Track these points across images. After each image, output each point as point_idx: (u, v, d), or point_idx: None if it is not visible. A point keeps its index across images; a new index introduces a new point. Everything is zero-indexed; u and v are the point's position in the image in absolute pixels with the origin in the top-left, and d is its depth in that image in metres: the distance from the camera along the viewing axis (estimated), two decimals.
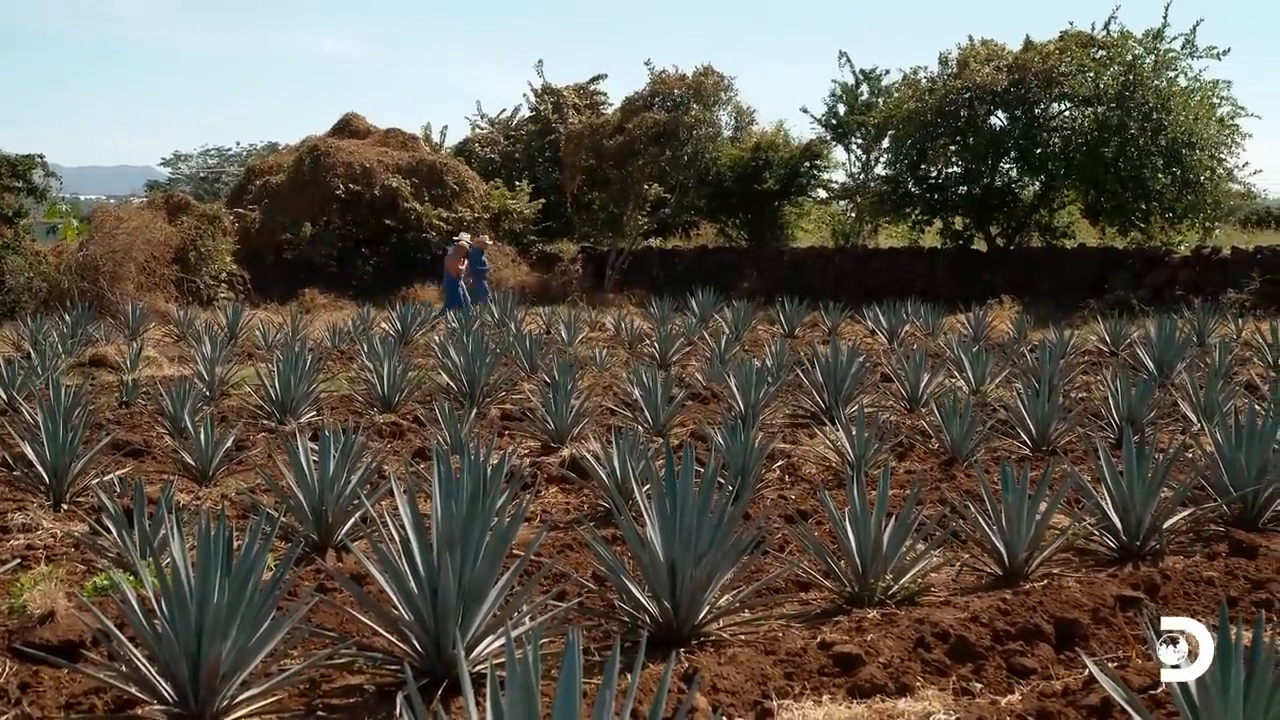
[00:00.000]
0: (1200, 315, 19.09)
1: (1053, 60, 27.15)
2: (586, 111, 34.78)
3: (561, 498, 8.49)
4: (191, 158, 63.27)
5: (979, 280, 26.70)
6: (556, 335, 19.44)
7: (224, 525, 4.61)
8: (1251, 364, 15.20)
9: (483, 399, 12.37)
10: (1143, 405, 10.41)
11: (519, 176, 33.63)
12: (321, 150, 30.32)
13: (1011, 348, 16.49)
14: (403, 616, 4.90)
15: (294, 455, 7.12)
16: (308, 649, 5.21)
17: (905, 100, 29.23)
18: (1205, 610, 5.54)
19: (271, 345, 17.67)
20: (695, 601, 5.34)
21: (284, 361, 12.07)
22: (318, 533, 6.98)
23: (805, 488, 8.57)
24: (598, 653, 5.14)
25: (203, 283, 26.35)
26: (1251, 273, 23.53)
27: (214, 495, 8.49)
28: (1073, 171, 27.07)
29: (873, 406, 11.84)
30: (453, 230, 29.89)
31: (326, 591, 5.95)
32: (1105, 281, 25.34)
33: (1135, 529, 6.64)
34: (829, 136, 33.08)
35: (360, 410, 12.13)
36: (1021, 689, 4.77)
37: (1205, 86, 27.51)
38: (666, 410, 10.78)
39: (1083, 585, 5.87)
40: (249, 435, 10.71)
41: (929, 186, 29.65)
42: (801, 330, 21.30)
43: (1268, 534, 7.01)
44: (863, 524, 5.90)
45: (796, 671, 4.85)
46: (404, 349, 17.15)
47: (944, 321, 21.06)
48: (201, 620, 4.46)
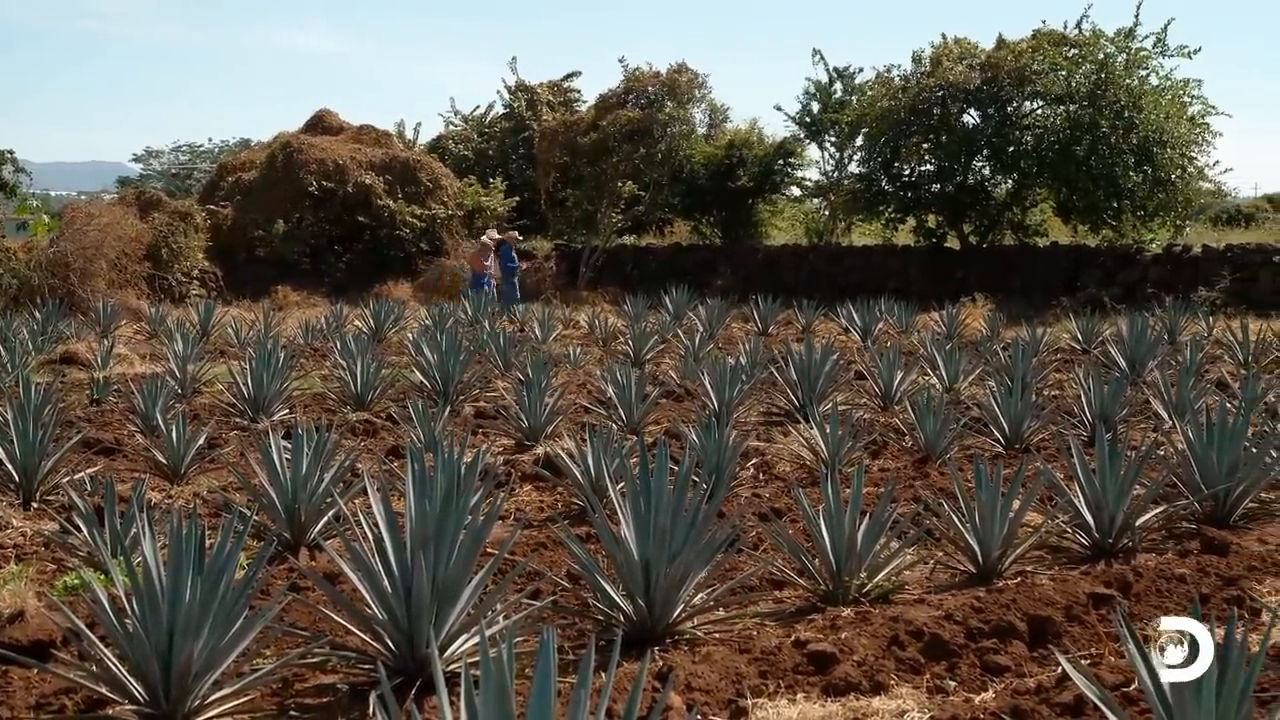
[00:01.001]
0: (1172, 313, 19.17)
1: (1025, 59, 27.23)
2: (560, 109, 34.77)
3: (535, 496, 8.47)
4: (163, 154, 63.11)
5: (952, 278, 26.78)
6: (530, 333, 19.41)
7: (196, 524, 4.58)
8: (1222, 362, 15.28)
9: (456, 397, 12.34)
10: (1115, 403, 10.45)
11: (493, 174, 33.58)
12: (294, 147, 30.18)
13: (984, 345, 16.53)
14: (376, 615, 4.88)
15: (266, 453, 7.09)
16: (280, 648, 5.18)
17: (879, 98, 29.28)
18: (1177, 608, 5.57)
19: (244, 343, 17.57)
20: (670, 600, 5.33)
21: (256, 359, 12.01)
22: (291, 531, 6.95)
23: (779, 486, 8.57)
24: (572, 651, 5.12)
25: (175, 280, 26.24)
26: (1222, 270, 23.66)
27: (186, 493, 8.45)
28: (1045, 170, 27.17)
29: (846, 404, 11.86)
30: (426, 227, 29.85)
31: (299, 590, 5.93)
32: (1077, 279, 25.45)
33: (1108, 526, 6.66)
34: (803, 134, 33.16)
35: (333, 408, 12.09)
36: (995, 687, 4.78)
37: (1176, 85, 27.67)
38: (640, 408, 10.78)
39: (1056, 583, 5.89)
40: (221, 433, 10.66)
41: (902, 184, 29.71)
42: (775, 328, 21.32)
43: (1239, 531, 7.05)
44: (837, 522, 5.91)
45: (771, 670, 4.85)
46: (377, 347, 17.11)
47: (917, 319, 21.10)
48: (173, 619, 4.43)
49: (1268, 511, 7.53)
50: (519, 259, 27.14)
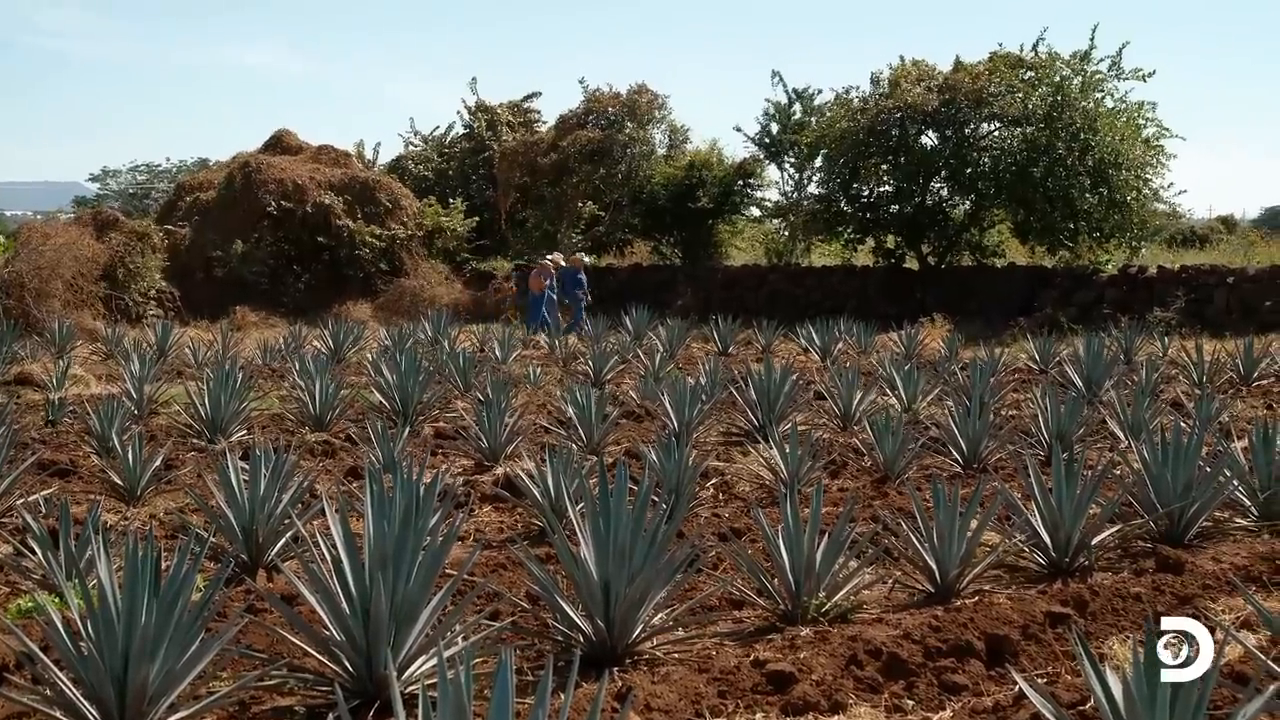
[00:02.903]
0: (1127, 333, 19.34)
1: (982, 81, 27.47)
2: (520, 129, 34.80)
3: (495, 516, 8.46)
4: (120, 173, 62.50)
5: (911, 298, 26.93)
6: (490, 353, 19.38)
7: (152, 545, 4.55)
8: (1177, 382, 15.41)
9: (416, 417, 12.30)
10: (1072, 423, 10.52)
11: (453, 194, 33.55)
12: (253, 167, 30.07)
13: (943, 366, 16.61)
14: (334, 637, 4.86)
15: (224, 474, 7.04)
16: (237, 670, 5.15)
17: (837, 119, 29.46)
18: (1133, 626, 5.61)
19: (202, 363, 17.47)
20: (629, 620, 5.33)
21: (214, 380, 11.95)
22: (248, 553, 6.90)
23: (739, 506, 8.58)
24: (531, 672, 5.12)
25: (131, 300, 26.05)
26: (1177, 291, 23.92)
27: (142, 515, 8.39)
28: (1002, 191, 27.37)
29: (806, 424, 11.89)
30: (385, 248, 29.78)
31: (257, 612, 5.89)
32: (1035, 300, 25.64)
33: (1065, 546, 6.70)
34: (762, 155, 33.27)
35: (292, 429, 12.03)
36: (953, 705, 4.80)
37: (1131, 108, 27.98)
38: (600, 428, 10.78)
39: (1013, 602, 5.92)
40: (178, 454, 10.59)
41: (861, 205, 29.88)
42: (735, 348, 21.36)
43: (1193, 550, 7.11)
44: (796, 542, 5.92)
45: (730, 690, 4.85)
46: (336, 367, 17.04)
47: (876, 340, 21.20)
48: (129, 642, 4.40)
49: (1222, 530, 7.61)
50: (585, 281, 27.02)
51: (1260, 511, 7.72)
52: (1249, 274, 24.33)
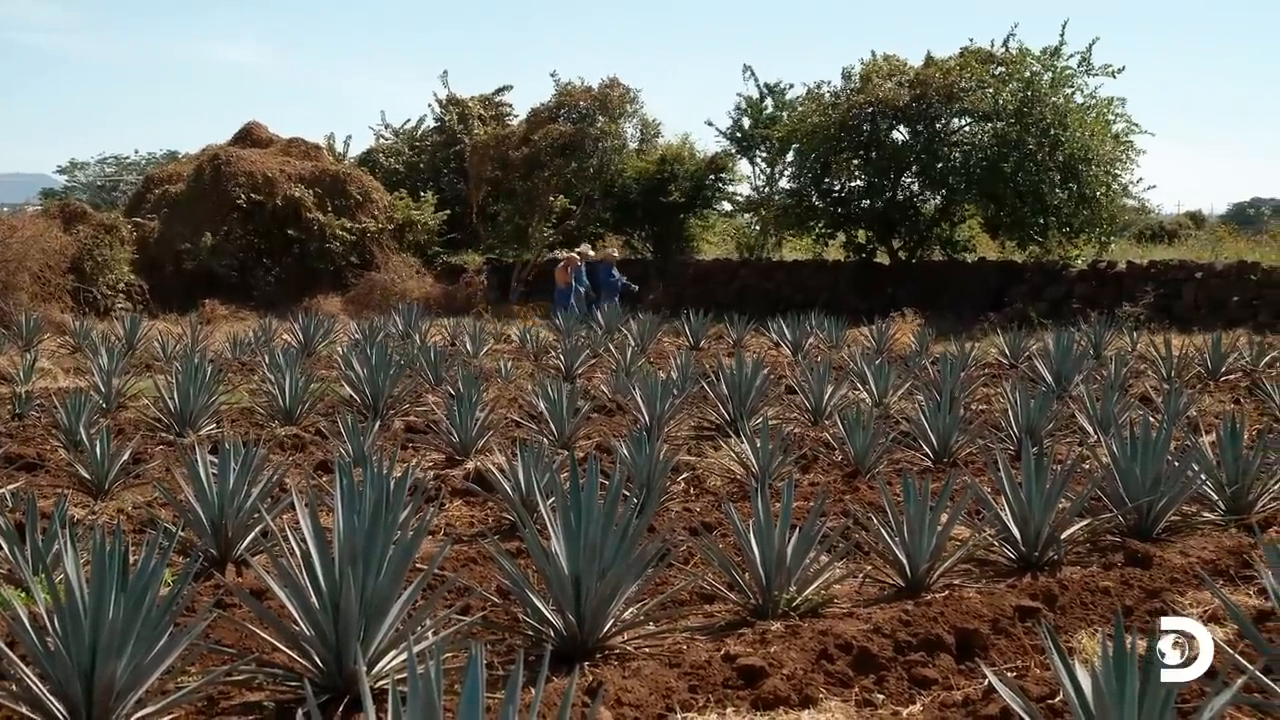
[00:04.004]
0: (1097, 328, 19.42)
1: (953, 76, 27.53)
2: (492, 123, 34.68)
3: (466, 511, 8.43)
4: (89, 166, 62.09)
5: (882, 293, 27.00)
6: (461, 347, 19.33)
7: (120, 540, 4.52)
8: (1146, 376, 15.49)
9: (386, 411, 12.27)
10: (1041, 417, 10.56)
11: (424, 187, 33.42)
12: (222, 159, 29.90)
13: (913, 360, 16.66)
14: (303, 632, 4.84)
15: (193, 468, 7.01)
16: (206, 665, 5.12)
17: (809, 114, 29.47)
18: (1102, 620, 5.63)
19: (170, 357, 17.37)
20: (600, 615, 5.33)
21: (183, 373, 11.88)
22: (217, 547, 6.87)
23: (710, 500, 8.59)
24: (501, 667, 5.11)
25: (99, 293, 25.90)
26: (1146, 286, 24.06)
27: (110, 509, 8.34)
28: (973, 186, 27.45)
29: (777, 419, 11.90)
30: (356, 241, 29.68)
31: (225, 607, 5.86)
32: (1005, 295, 25.75)
33: (1034, 540, 6.73)
34: (734, 149, 33.29)
35: (261, 423, 11.97)
36: (923, 699, 4.82)
37: (1101, 103, 28.12)
38: (572, 423, 10.76)
39: (983, 596, 5.94)
40: (147, 448, 10.53)
41: (832, 200, 29.92)
42: (707, 342, 21.37)
43: (1162, 544, 7.15)
44: (766, 536, 5.92)
45: (701, 684, 4.85)
46: (306, 361, 16.97)
47: (847, 334, 21.22)
48: (96, 637, 4.37)
49: (1190, 525, 7.64)
50: (618, 275, 26.98)
51: (1228, 506, 7.76)
52: (1217, 269, 24.49)
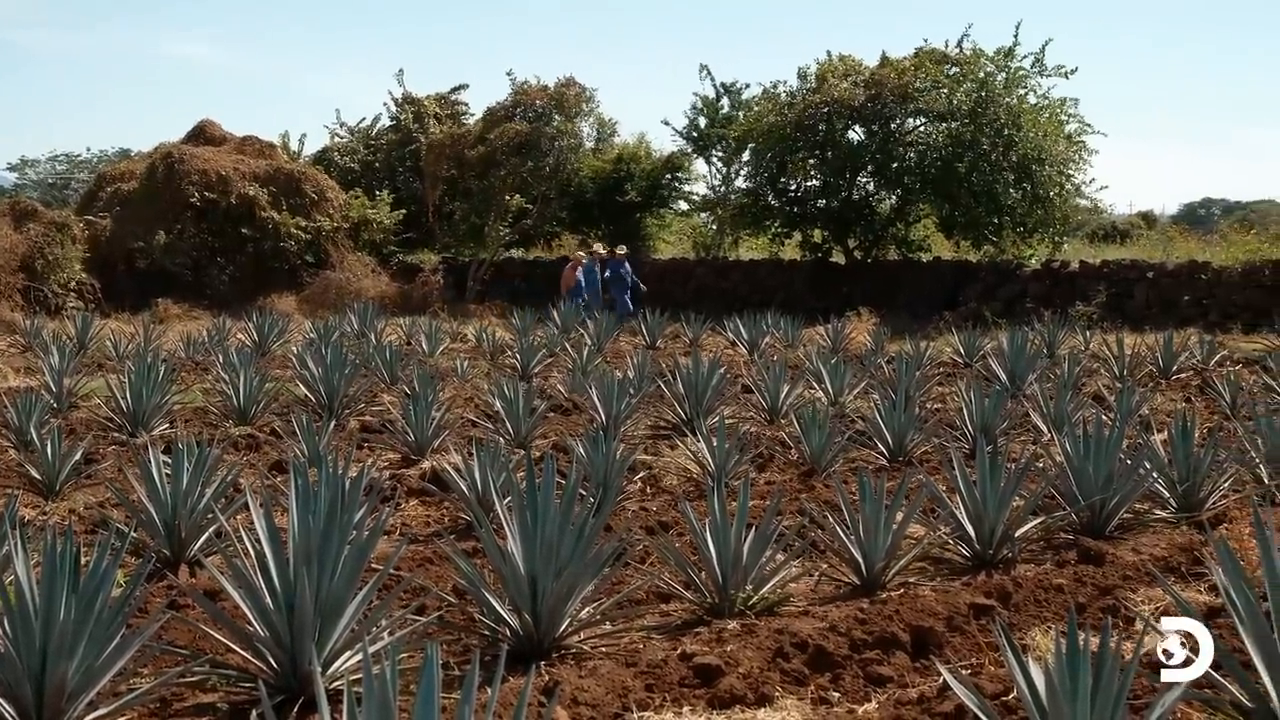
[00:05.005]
0: (1050, 327, 19.58)
1: (908, 76, 27.69)
2: (448, 121, 34.58)
3: (422, 511, 8.41)
4: (39, 163, 61.45)
5: (838, 292, 27.12)
6: (417, 346, 19.27)
7: (71, 541, 4.48)
8: (1099, 375, 15.61)
9: (342, 411, 12.21)
10: (996, 416, 10.63)
11: (379, 186, 33.30)
12: (175, 157, 29.67)
13: (869, 359, 16.73)
14: (258, 633, 4.81)
15: (145, 468, 6.95)
16: (159, 667, 5.08)
17: (765, 114, 29.58)
18: (1055, 617, 5.67)
19: (123, 356, 17.23)
20: (556, 614, 5.32)
21: (136, 372, 11.78)
22: (170, 548, 6.82)
23: (667, 499, 8.59)
24: (458, 667, 5.09)
25: (51, 292, 25.67)
26: (1099, 285, 24.29)
27: (61, 510, 8.26)
28: (928, 186, 27.62)
29: (733, 418, 11.92)
30: (311, 240, 29.55)
31: (179, 608, 5.82)
32: (960, 294, 25.91)
33: (988, 538, 6.77)
34: (690, 149, 33.37)
35: (216, 423, 11.89)
36: (878, 697, 4.83)
37: (1054, 104, 28.37)
38: (528, 422, 10.74)
39: (938, 594, 5.97)
40: (99, 448, 10.44)
41: (789, 199, 30.04)
42: (663, 341, 21.38)
43: (1114, 541, 7.20)
44: (723, 535, 5.93)
45: (657, 683, 4.85)
46: (261, 360, 16.88)
47: (804, 333, 21.29)
48: (46, 639, 4.33)
49: (1142, 522, 7.71)
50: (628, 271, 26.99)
51: (1179, 503, 7.83)
52: (1168, 269, 24.73)
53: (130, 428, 11.15)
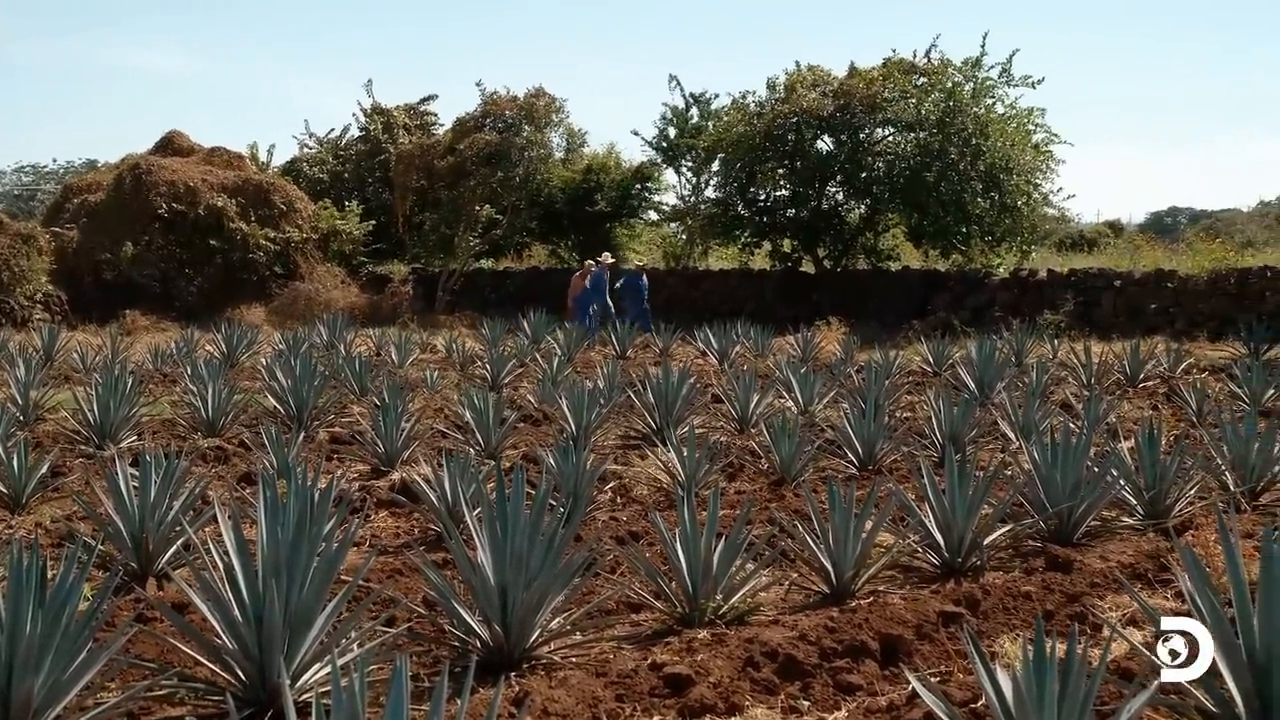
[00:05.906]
0: (1018, 336, 19.68)
1: (876, 86, 27.81)
2: (417, 132, 34.54)
3: (391, 522, 8.39)
4: (4, 174, 61.16)
5: (807, 301, 27.20)
6: (387, 357, 19.25)
7: (37, 554, 4.45)
8: (1067, 383, 15.69)
9: (311, 422, 12.17)
10: (964, 424, 10.68)
11: (349, 197, 33.22)
12: (143, 168, 29.54)
13: (839, 368, 16.77)
14: (226, 645, 4.79)
15: (113, 481, 6.91)
16: (127, 681, 5.06)
17: (734, 124, 29.66)
18: (1023, 624, 5.70)
19: (90, 368, 17.14)
20: (526, 625, 5.32)
21: (103, 385, 11.72)
22: (138, 561, 6.78)
23: (637, 509, 8.60)
24: (427, 679, 5.08)
25: (17, 304, 25.53)
26: (1066, 294, 24.42)
27: (27, 524, 8.20)
28: (896, 195, 27.75)
29: (703, 427, 11.93)
30: (280, 251, 29.46)
31: (147, 621, 5.78)
32: (928, 303, 25.99)
33: (957, 546, 6.79)
34: (660, 159, 33.39)
35: (184, 435, 11.84)
36: (848, 705, 4.85)
37: (1021, 114, 28.55)
38: (498, 432, 10.74)
39: (907, 602, 5.99)
40: (65, 461, 10.37)
41: (758, 209, 30.12)
42: (633, 351, 21.39)
43: (1082, 549, 7.24)
44: (693, 545, 5.94)
45: (628, 693, 4.86)
46: (230, 371, 16.82)
47: (773, 343, 21.34)
48: (12, 653, 4.30)
49: (1109, 529, 7.75)
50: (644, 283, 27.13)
51: (1146, 510, 7.88)
52: (1135, 278, 24.87)
53: (97, 440, 11.09)
